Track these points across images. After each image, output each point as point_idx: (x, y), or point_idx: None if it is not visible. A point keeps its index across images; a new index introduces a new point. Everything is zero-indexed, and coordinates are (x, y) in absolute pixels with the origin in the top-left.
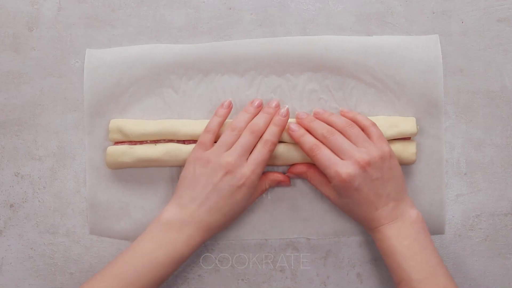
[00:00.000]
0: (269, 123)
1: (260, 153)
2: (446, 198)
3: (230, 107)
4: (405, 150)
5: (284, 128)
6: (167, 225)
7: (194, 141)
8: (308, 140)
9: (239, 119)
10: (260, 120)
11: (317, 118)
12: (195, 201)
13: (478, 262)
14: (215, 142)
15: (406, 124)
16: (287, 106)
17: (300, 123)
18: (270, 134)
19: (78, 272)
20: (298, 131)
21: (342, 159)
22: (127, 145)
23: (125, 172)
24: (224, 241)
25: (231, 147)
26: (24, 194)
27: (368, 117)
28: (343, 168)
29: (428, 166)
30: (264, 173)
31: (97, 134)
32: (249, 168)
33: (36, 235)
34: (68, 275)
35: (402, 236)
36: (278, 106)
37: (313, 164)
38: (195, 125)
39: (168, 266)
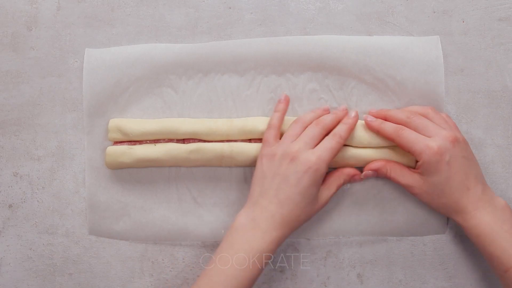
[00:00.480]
0: (336, 122)
1: (327, 141)
2: None
3: (287, 100)
4: (406, 155)
5: (352, 128)
6: (241, 227)
7: (194, 140)
8: (390, 125)
9: (304, 115)
10: (328, 117)
11: (377, 116)
12: (264, 195)
13: (479, 263)
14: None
15: None
16: (357, 109)
17: (374, 114)
18: (339, 129)
19: (77, 272)
20: (376, 121)
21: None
22: (127, 145)
23: (124, 172)
24: None
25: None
26: (23, 194)
27: None
28: (433, 142)
29: None
30: (339, 169)
31: (97, 134)
32: (314, 154)
33: (35, 235)
34: (67, 276)
35: (501, 221)
36: (346, 110)
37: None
38: (195, 124)
39: (252, 267)
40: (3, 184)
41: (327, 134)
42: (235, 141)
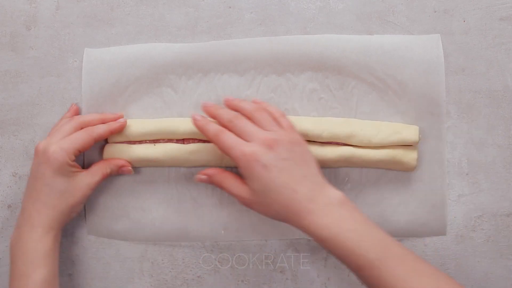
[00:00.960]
0: (99, 122)
1: (76, 134)
2: (447, 198)
3: (74, 111)
4: (406, 155)
5: (114, 132)
6: (12, 241)
7: (194, 140)
8: (213, 127)
9: (76, 117)
10: (90, 115)
11: (226, 105)
12: (26, 197)
13: (480, 263)
14: None
15: (409, 132)
16: (125, 120)
17: (206, 111)
18: (96, 126)
19: (76, 273)
20: (202, 120)
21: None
22: (126, 145)
23: None
24: (224, 242)
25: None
26: (22, 195)
27: (370, 120)
28: (247, 147)
29: (430, 166)
30: (109, 158)
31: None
32: (54, 144)
33: None
34: (66, 276)
35: (339, 220)
36: (120, 115)
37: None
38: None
39: (37, 267)
40: (2, 184)
41: None
42: None
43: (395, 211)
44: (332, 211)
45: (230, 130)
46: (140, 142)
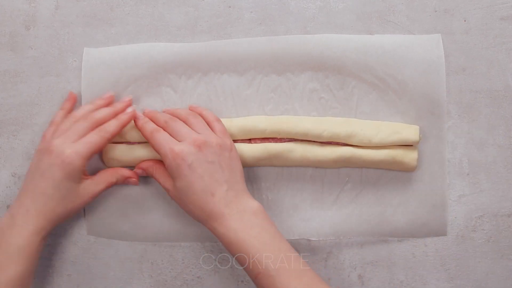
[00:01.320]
0: (111, 116)
1: (89, 136)
2: (448, 199)
3: (72, 99)
4: (406, 155)
5: (124, 124)
6: (0, 225)
7: None
8: (150, 126)
9: (80, 108)
10: (101, 111)
11: (164, 112)
12: (25, 191)
13: (481, 264)
14: None
15: (409, 132)
16: (134, 106)
17: (146, 114)
18: (107, 124)
19: (75, 273)
20: (142, 119)
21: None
22: (125, 145)
23: None
24: None
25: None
26: None
27: (371, 120)
28: (177, 145)
29: (430, 166)
30: (115, 168)
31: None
32: (70, 147)
33: None
34: (65, 277)
35: (248, 227)
36: (128, 103)
37: (160, 160)
38: None
39: (12, 264)
40: (1, 185)
41: None
42: (235, 141)
43: (395, 211)
44: (243, 218)
45: (165, 130)
46: (140, 142)
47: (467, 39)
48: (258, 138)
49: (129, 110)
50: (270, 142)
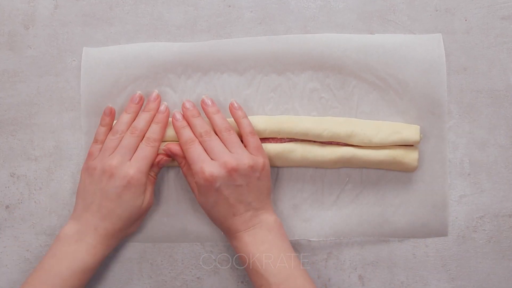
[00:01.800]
0: (151, 120)
1: (142, 150)
2: (449, 199)
3: (112, 113)
4: (407, 156)
5: (166, 124)
6: (65, 238)
7: None
8: (186, 133)
9: (120, 121)
10: (141, 120)
11: (203, 108)
12: (87, 210)
13: (482, 264)
14: None
15: (409, 132)
16: (165, 103)
17: (184, 114)
18: (152, 131)
19: None
20: (180, 122)
21: (211, 158)
22: None
23: None
24: (224, 243)
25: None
26: (20, 195)
27: (371, 120)
28: (208, 166)
29: (431, 166)
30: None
31: (94, 134)
32: (132, 167)
33: (32, 236)
34: None
35: (259, 242)
36: (157, 99)
37: None
38: None
39: (74, 279)
40: (0, 185)
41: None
42: None
43: (396, 212)
44: (256, 233)
45: (200, 142)
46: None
47: (468, 39)
48: (259, 138)
49: (163, 108)
50: (270, 142)
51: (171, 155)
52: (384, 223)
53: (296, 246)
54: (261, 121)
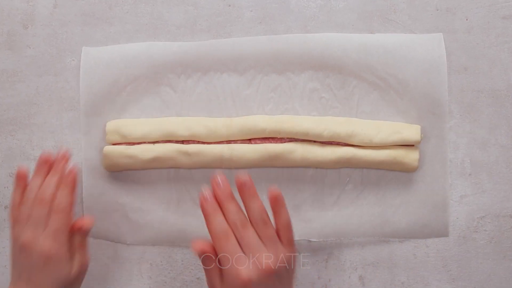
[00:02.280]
0: (60, 183)
1: (53, 222)
2: (450, 199)
3: (24, 176)
4: (407, 156)
5: (75, 186)
6: None
7: (193, 141)
8: (219, 223)
9: (29, 188)
10: (46, 186)
11: (239, 189)
12: (19, 278)
13: (483, 265)
14: None
15: (410, 132)
16: (74, 162)
17: (216, 193)
18: (59, 200)
19: None
20: (211, 204)
21: (245, 254)
22: (125, 146)
23: (122, 173)
24: None
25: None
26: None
27: (371, 120)
28: (246, 269)
29: (432, 166)
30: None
31: (94, 134)
32: (46, 241)
33: None
34: None
35: None
36: (65, 157)
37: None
38: (194, 125)
39: None
40: None
41: None
42: (235, 141)
43: (396, 212)
44: None
45: (233, 232)
46: (139, 143)
47: (469, 38)
48: (258, 138)
49: (69, 168)
50: (270, 142)
51: (198, 254)
52: (385, 224)
53: (296, 247)
54: (261, 121)
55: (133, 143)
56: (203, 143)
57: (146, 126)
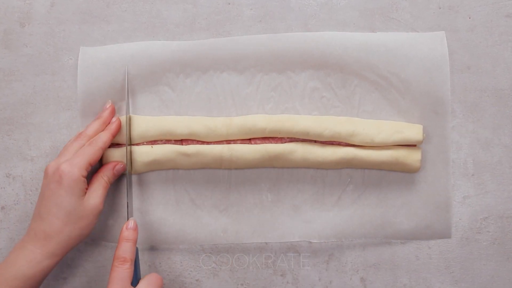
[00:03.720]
0: (102, 128)
1: (83, 149)
2: (452, 200)
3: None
4: (409, 156)
5: (115, 134)
6: (15, 247)
7: (192, 141)
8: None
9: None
10: (91, 127)
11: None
12: (33, 216)
13: (486, 266)
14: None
15: (411, 131)
16: (117, 115)
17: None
18: (99, 136)
19: (71, 276)
20: (130, 233)
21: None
22: (124, 147)
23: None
24: (223, 244)
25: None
26: (15, 196)
27: (373, 119)
28: None
29: (434, 167)
30: (100, 169)
31: None
32: (66, 163)
33: None
34: (61, 280)
35: None
36: (111, 109)
37: None
38: (194, 125)
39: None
40: None
41: None
42: (235, 141)
43: (398, 213)
44: None
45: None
46: (138, 144)
47: (472, 37)
48: (258, 138)
49: (114, 120)
50: (271, 142)
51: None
52: (386, 225)
53: (297, 248)
54: (261, 120)
55: (123, 144)
56: (203, 142)
57: (144, 124)
